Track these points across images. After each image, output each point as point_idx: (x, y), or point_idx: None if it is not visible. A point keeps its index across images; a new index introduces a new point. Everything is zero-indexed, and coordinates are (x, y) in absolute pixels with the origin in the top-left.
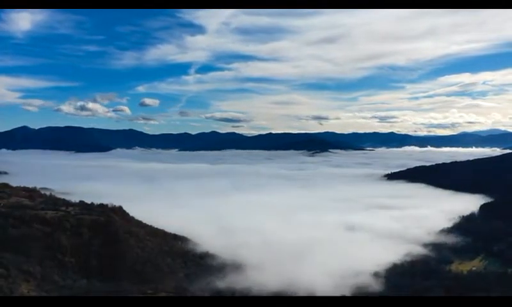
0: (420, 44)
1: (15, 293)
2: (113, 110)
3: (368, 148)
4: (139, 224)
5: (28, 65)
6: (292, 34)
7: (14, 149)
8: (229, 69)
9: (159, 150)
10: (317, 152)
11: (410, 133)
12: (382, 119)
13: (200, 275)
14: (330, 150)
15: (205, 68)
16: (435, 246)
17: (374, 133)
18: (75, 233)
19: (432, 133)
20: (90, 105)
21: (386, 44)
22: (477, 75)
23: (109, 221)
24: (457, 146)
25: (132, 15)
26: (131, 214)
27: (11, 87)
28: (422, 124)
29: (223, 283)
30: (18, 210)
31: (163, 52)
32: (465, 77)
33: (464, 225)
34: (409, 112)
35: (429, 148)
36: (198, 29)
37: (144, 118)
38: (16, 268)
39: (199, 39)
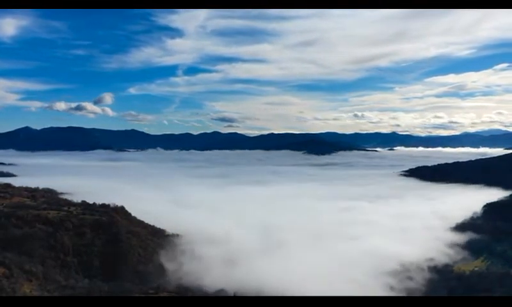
0: (399, 46)
1: (17, 293)
2: (110, 111)
3: (370, 148)
4: (141, 224)
5: (21, 68)
6: (268, 36)
7: (17, 149)
8: (216, 71)
9: (162, 150)
10: (322, 153)
11: (412, 133)
12: (377, 119)
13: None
14: (335, 151)
15: (192, 70)
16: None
17: (376, 133)
18: (78, 233)
19: (432, 134)
20: (87, 106)
21: (366, 47)
22: (461, 76)
23: (111, 221)
24: (460, 146)
25: (112, 19)
26: (133, 214)
27: (8, 89)
28: (417, 124)
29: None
30: (21, 210)
31: (148, 54)
32: (451, 78)
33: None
34: (403, 113)
35: (433, 149)
36: (176, 32)
37: (141, 119)
38: (19, 268)
39: (180, 42)
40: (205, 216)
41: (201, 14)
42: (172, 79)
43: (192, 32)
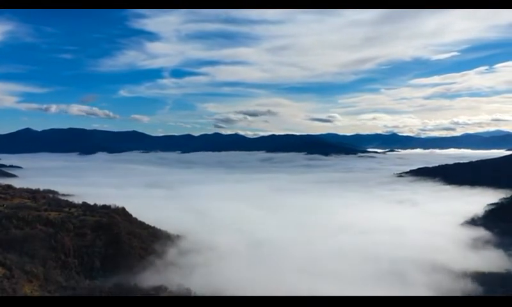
0: (374, 50)
1: (18, 293)
2: (107, 113)
3: (371, 150)
4: (142, 225)
5: (15, 72)
6: (244, 39)
7: (18, 151)
8: (202, 73)
9: (162, 152)
10: (325, 154)
11: (411, 135)
12: (373, 121)
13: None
14: (337, 152)
15: (177, 73)
16: None
17: (376, 134)
18: (78, 234)
19: (432, 135)
20: (84, 108)
21: (343, 51)
22: (444, 77)
23: (112, 222)
24: (461, 148)
25: (89, 22)
26: (134, 215)
27: (7, 92)
28: (413, 126)
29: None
30: (22, 211)
31: (131, 57)
32: (435, 80)
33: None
34: (398, 115)
35: (433, 150)
36: (153, 36)
37: (140, 120)
38: (20, 269)
39: (159, 46)
40: (208, 218)
41: (171, 19)
42: (160, 81)
43: (169, 36)
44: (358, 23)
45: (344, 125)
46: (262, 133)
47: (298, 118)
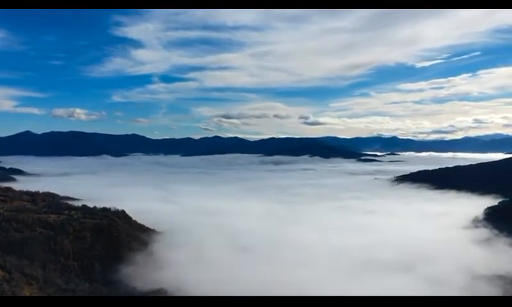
0: (357, 57)
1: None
2: (104, 117)
3: (371, 152)
4: (142, 227)
5: (10, 78)
6: (227, 45)
7: (17, 153)
8: (191, 79)
9: (163, 155)
10: (327, 157)
11: (412, 138)
12: (371, 124)
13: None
14: (338, 155)
15: (167, 79)
16: None
17: (376, 137)
18: (78, 237)
19: (431, 138)
20: (82, 112)
21: (327, 57)
22: (431, 82)
23: (112, 225)
24: (461, 151)
25: (75, 29)
26: (133, 218)
27: (5, 96)
28: (409, 129)
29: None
30: (21, 213)
31: (119, 64)
32: (423, 85)
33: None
34: (391, 118)
35: (433, 153)
36: (137, 43)
37: (138, 124)
38: (19, 272)
39: (145, 53)
40: (209, 220)
41: (150, 26)
42: (150, 87)
43: (152, 43)
44: (334, 31)
45: (340, 128)
46: (259, 137)
47: (294, 121)
